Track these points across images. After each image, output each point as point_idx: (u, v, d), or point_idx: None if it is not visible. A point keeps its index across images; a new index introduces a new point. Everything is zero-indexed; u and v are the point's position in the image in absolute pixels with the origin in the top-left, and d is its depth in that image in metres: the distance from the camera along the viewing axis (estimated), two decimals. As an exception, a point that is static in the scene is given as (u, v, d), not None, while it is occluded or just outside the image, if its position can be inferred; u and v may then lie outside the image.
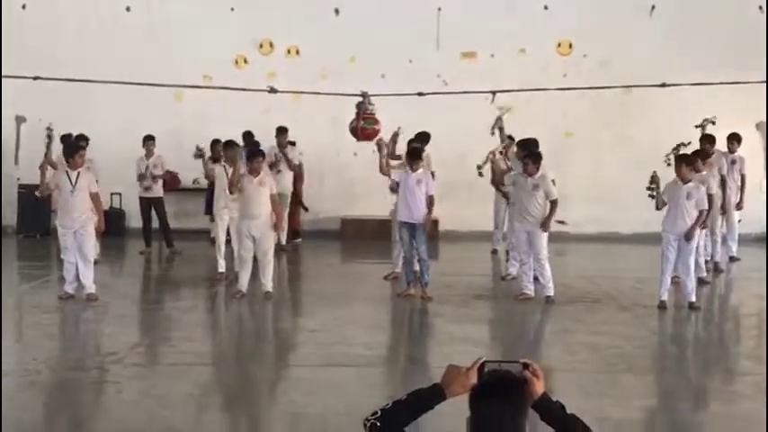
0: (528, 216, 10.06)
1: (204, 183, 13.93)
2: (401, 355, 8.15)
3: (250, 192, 10.09)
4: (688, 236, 9.63)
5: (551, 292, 10.07)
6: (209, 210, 14.57)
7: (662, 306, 9.81)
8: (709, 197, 10.82)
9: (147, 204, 13.57)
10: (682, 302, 9.92)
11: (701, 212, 9.79)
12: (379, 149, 10.39)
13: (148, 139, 13.45)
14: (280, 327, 9.72)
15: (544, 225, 10.01)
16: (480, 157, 13.26)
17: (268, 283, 10.21)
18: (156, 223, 13.63)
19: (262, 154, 10.50)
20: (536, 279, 10.24)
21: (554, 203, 10.08)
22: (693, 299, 9.86)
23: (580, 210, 14.62)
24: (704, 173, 10.90)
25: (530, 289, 10.15)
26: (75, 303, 9.92)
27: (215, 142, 14.25)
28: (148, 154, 13.42)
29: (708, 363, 8.23)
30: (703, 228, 10.01)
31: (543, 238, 10.06)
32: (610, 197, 14.90)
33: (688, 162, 9.95)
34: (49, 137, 12.90)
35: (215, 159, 12.51)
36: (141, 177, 13.42)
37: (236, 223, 10.69)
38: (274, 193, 10.29)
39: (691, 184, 9.80)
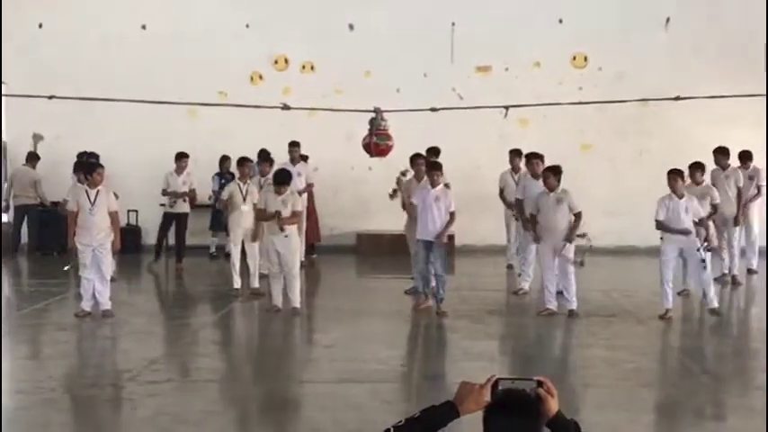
0: (554, 230, 10.01)
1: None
2: (416, 371, 8.10)
3: (273, 209, 10.12)
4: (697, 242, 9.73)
5: (575, 306, 10.02)
6: (214, 225, 14.70)
7: (665, 317, 9.77)
8: (714, 207, 10.82)
9: (171, 219, 13.63)
10: (692, 315, 9.90)
11: (701, 220, 9.95)
12: (396, 192, 10.47)
13: (181, 156, 13.47)
14: (295, 342, 9.71)
15: (568, 237, 9.95)
16: (493, 171, 13.29)
17: (295, 299, 10.24)
18: (170, 239, 13.63)
19: (289, 174, 10.51)
20: (560, 293, 10.17)
21: (578, 216, 10.03)
22: (716, 305, 9.93)
23: (597, 223, 14.51)
24: (704, 184, 10.91)
25: (553, 304, 10.09)
26: (91, 321, 9.95)
27: (223, 159, 14.38)
28: (179, 170, 13.44)
29: (725, 377, 8.14)
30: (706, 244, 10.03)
31: (570, 251, 10.00)
32: (627, 210, 14.82)
33: (682, 176, 10.02)
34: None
35: (222, 176, 12.54)
36: (168, 193, 13.42)
37: (254, 239, 11.03)
38: (298, 210, 10.34)
39: (685, 199, 9.82)
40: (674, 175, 9.97)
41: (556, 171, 10.11)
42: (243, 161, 11.84)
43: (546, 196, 10.13)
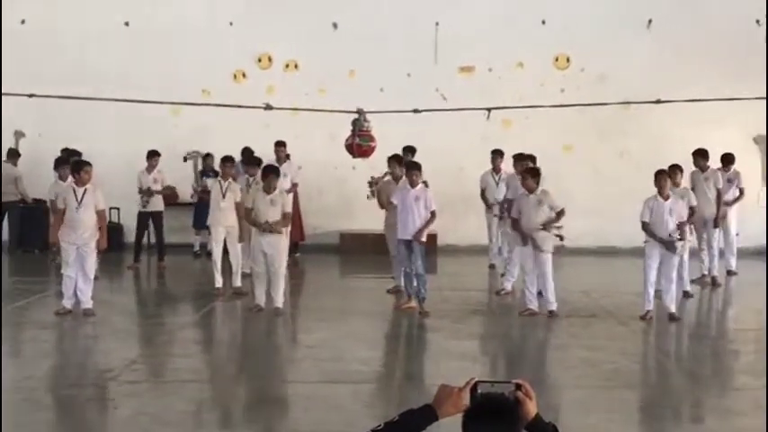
0: (535, 231, 10.04)
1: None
2: (398, 372, 8.13)
3: (262, 209, 10.10)
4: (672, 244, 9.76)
5: (554, 307, 10.08)
6: (197, 224, 14.68)
7: (646, 317, 9.86)
8: (692, 209, 10.90)
9: (147, 218, 13.56)
10: (677, 316, 9.97)
11: (681, 223, 9.96)
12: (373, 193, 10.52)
13: (152, 155, 13.42)
14: (277, 342, 9.71)
15: (545, 226, 9.96)
16: (476, 171, 13.33)
17: (279, 298, 10.23)
18: (151, 238, 13.60)
19: (276, 171, 10.51)
20: (540, 294, 10.22)
21: (560, 212, 10.06)
22: (674, 309, 9.96)
23: (578, 223, 14.56)
24: (682, 186, 11.00)
25: (534, 304, 10.14)
26: (72, 319, 9.92)
27: (206, 156, 14.35)
28: (150, 168, 13.40)
29: (705, 378, 8.21)
30: (680, 239, 10.06)
31: (549, 254, 10.04)
32: (608, 211, 14.88)
33: (669, 177, 10.09)
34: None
35: (205, 173, 12.51)
36: (142, 192, 13.40)
37: (236, 238, 11.00)
38: (288, 211, 10.32)
39: (671, 200, 9.90)
40: (663, 174, 10.02)
41: (534, 173, 10.16)
42: (226, 160, 11.81)
43: (526, 198, 10.17)
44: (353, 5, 15.32)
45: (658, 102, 10.75)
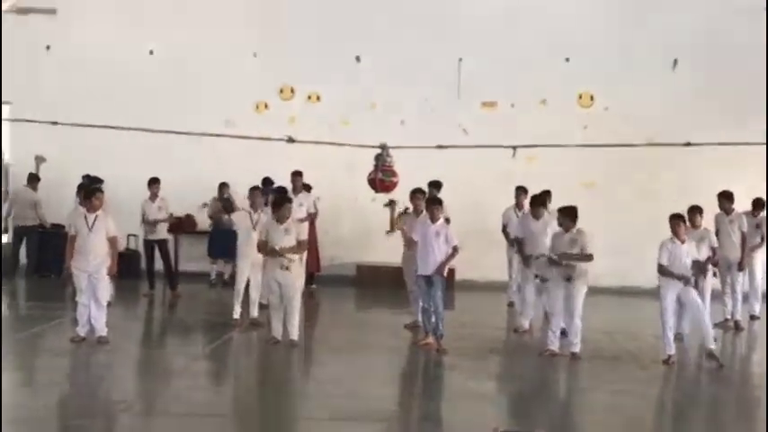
0: (566, 269, 9.90)
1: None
2: (414, 411, 7.97)
3: (276, 239, 10.02)
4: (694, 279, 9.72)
5: (578, 349, 9.92)
6: (212, 252, 14.62)
7: (669, 362, 9.67)
8: (713, 251, 10.74)
9: (151, 246, 13.49)
10: (694, 361, 9.80)
11: (698, 262, 9.88)
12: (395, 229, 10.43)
13: (153, 182, 13.38)
14: (291, 377, 9.56)
15: (568, 257, 9.81)
16: (496, 206, 13.21)
17: (294, 331, 10.11)
18: (160, 265, 13.52)
19: (289, 200, 10.45)
20: (563, 333, 10.06)
21: (590, 258, 9.94)
22: (713, 345, 9.76)
23: (599, 262, 14.34)
24: (703, 228, 10.82)
25: (555, 345, 9.98)
26: (86, 346, 9.84)
27: (222, 185, 14.32)
28: (153, 196, 13.35)
29: (729, 426, 8.01)
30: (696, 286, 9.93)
31: (582, 293, 9.92)
32: (629, 250, 14.71)
33: (684, 221, 9.93)
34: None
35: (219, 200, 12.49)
36: (146, 220, 13.33)
37: (260, 269, 10.78)
38: (302, 239, 10.22)
39: (688, 244, 9.83)
40: (676, 219, 9.90)
41: (571, 212, 10.05)
42: (254, 190, 11.75)
43: (560, 236, 10.05)
44: (377, 39, 15.33)
45: (688, 144, 10.59)
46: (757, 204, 12.56)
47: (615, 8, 15.30)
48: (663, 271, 9.86)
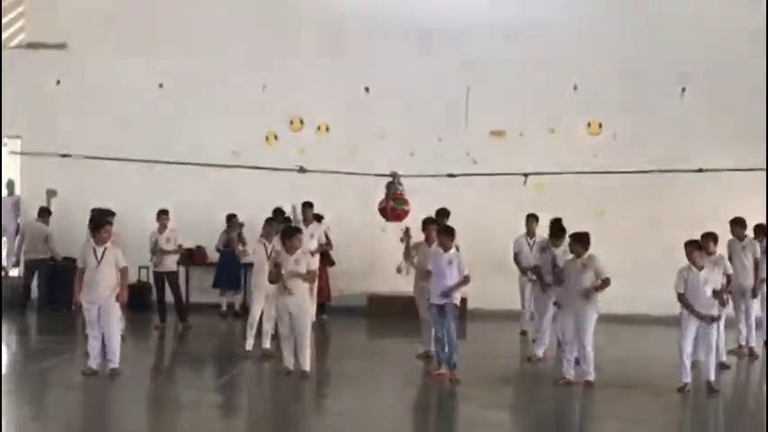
0: (578, 296, 9.88)
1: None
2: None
3: (286, 269, 10.02)
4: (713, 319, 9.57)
5: (592, 377, 9.84)
6: (218, 284, 14.61)
7: (684, 390, 9.60)
8: (728, 277, 10.66)
9: (161, 278, 13.48)
10: (716, 387, 9.70)
11: (717, 292, 9.70)
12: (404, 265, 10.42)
13: (162, 214, 13.39)
14: (303, 408, 9.50)
15: (588, 292, 9.79)
16: (507, 235, 13.18)
17: (306, 362, 10.06)
18: (171, 297, 13.51)
19: (299, 231, 10.45)
20: (577, 362, 10.01)
21: (606, 281, 9.89)
22: (713, 378, 9.69)
23: (610, 289, 14.33)
24: (717, 254, 10.75)
25: (570, 374, 9.92)
26: (98, 380, 9.81)
27: (230, 216, 14.34)
28: (161, 228, 13.37)
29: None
30: (718, 315, 9.84)
31: (592, 321, 9.87)
32: (641, 277, 14.63)
33: (699, 247, 9.79)
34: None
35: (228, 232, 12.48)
36: (154, 251, 13.36)
37: (272, 300, 10.70)
38: (312, 269, 10.21)
39: (705, 270, 9.67)
40: (691, 247, 9.78)
41: (582, 238, 10.02)
42: (269, 221, 11.75)
43: (573, 262, 10.02)
44: (385, 70, 15.40)
45: (700, 170, 10.56)
46: (759, 229, 12.45)
47: (622, 35, 15.34)
48: (682, 300, 9.77)
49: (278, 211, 13.18)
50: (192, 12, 15.89)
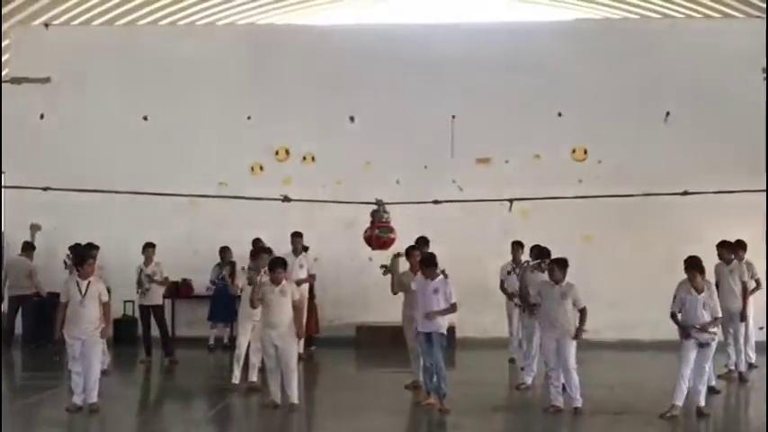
0: (557, 324, 9.84)
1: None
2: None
3: (272, 301, 9.94)
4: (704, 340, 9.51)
5: (579, 404, 9.77)
6: (212, 316, 14.52)
7: (671, 412, 9.52)
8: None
9: (147, 312, 13.36)
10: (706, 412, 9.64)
11: (715, 319, 9.63)
12: (392, 271, 10.30)
13: (148, 247, 13.32)
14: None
15: (576, 335, 9.79)
16: (494, 262, 13.14)
17: (293, 394, 9.95)
18: (156, 331, 13.39)
19: (283, 264, 10.37)
20: (563, 389, 9.94)
21: (583, 312, 9.87)
22: (703, 403, 9.64)
23: (598, 316, 14.28)
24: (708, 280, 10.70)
25: (559, 401, 9.85)
26: (83, 416, 9.68)
27: (223, 249, 14.26)
28: (147, 261, 13.28)
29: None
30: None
31: (572, 346, 9.83)
32: (629, 303, 14.65)
33: (702, 271, 9.72)
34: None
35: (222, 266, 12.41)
36: (140, 284, 13.25)
37: (259, 332, 10.55)
38: (297, 299, 10.14)
39: (705, 293, 9.62)
40: (691, 269, 9.66)
41: (562, 264, 9.99)
42: (258, 252, 11.66)
43: (551, 288, 9.98)
44: (370, 99, 15.45)
45: (685, 193, 10.56)
46: (738, 246, 12.39)
47: (606, 62, 15.45)
48: (675, 321, 9.72)
49: (257, 242, 13.08)
50: (175, 44, 15.93)
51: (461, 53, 15.44)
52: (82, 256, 10.46)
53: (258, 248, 11.88)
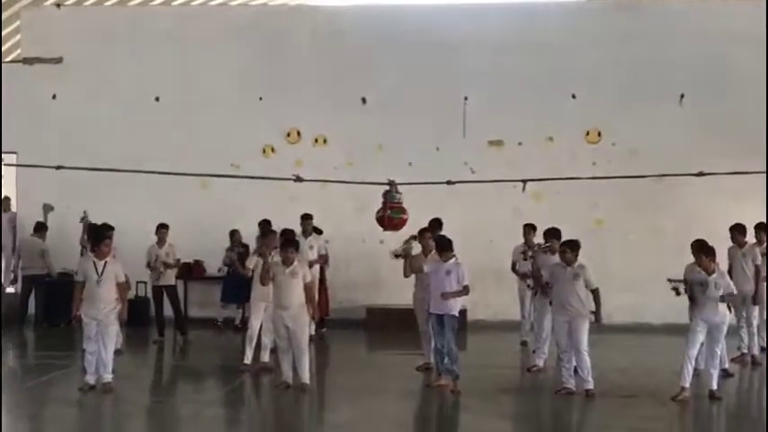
0: (569, 306, 9.82)
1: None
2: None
3: (282, 282, 9.94)
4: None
5: (591, 386, 9.74)
6: (225, 297, 14.55)
7: (680, 396, 9.47)
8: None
9: (160, 292, 13.42)
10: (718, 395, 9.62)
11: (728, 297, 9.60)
12: (406, 255, 10.27)
13: (162, 228, 13.34)
14: (304, 422, 9.43)
15: (596, 318, 9.78)
16: (506, 244, 13.09)
17: (304, 374, 9.95)
18: (169, 311, 13.43)
19: (295, 244, 10.35)
20: (575, 371, 9.93)
21: (596, 293, 9.86)
22: (715, 387, 9.62)
23: (610, 299, 14.22)
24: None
25: (571, 383, 9.83)
26: (95, 395, 9.71)
27: (233, 232, 14.28)
28: (160, 242, 13.30)
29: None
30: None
31: (584, 329, 9.81)
32: (641, 286, 14.59)
33: (708, 253, 9.65)
34: (85, 223, 12.95)
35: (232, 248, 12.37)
36: (153, 266, 13.28)
37: (271, 314, 10.55)
38: (308, 281, 10.13)
39: (716, 274, 9.57)
40: (700, 253, 9.61)
41: (574, 246, 9.96)
42: (268, 233, 11.65)
43: (562, 270, 9.95)
44: (382, 80, 15.37)
45: (701, 174, 10.45)
46: (759, 228, 12.31)
47: (619, 43, 15.32)
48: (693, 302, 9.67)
49: (265, 223, 13.04)
50: (188, 24, 15.90)
51: (474, 34, 15.34)
52: (98, 235, 10.45)
53: (267, 230, 11.88)
